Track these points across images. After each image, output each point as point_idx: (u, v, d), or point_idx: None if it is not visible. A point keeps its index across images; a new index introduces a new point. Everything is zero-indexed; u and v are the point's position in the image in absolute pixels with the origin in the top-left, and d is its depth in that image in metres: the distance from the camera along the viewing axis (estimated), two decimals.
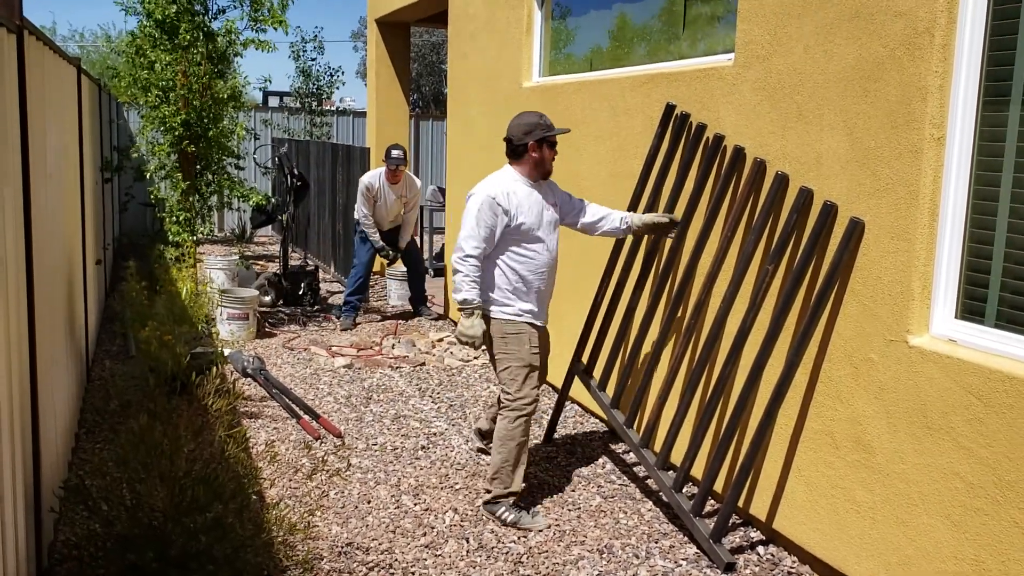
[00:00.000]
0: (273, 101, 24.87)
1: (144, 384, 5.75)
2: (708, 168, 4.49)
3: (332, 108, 17.10)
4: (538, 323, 4.48)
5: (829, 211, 3.72)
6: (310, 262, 11.74)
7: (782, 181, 4.02)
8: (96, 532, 3.47)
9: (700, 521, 4.15)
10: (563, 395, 5.50)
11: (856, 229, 3.60)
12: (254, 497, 4.25)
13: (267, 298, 9.19)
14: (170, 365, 5.78)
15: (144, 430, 3.65)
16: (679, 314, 4.71)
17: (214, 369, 5.87)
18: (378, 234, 8.51)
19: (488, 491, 4.47)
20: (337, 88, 16.42)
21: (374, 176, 8.49)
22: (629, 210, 5.04)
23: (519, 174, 4.45)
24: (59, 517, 3.90)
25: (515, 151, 4.44)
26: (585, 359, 5.34)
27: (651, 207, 4.88)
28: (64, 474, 4.34)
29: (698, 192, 4.56)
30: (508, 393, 4.41)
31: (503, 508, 4.39)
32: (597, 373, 5.31)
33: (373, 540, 4.17)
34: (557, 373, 5.75)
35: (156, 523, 3.36)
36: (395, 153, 8.28)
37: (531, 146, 4.39)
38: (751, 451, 3.95)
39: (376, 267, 11.22)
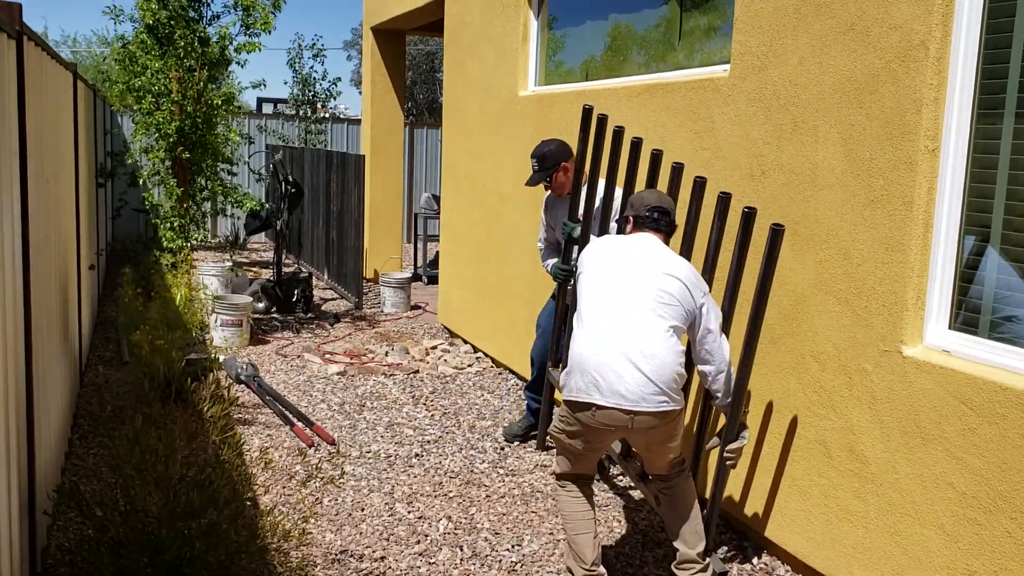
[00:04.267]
0: (267, 108, 24.86)
1: (139, 389, 5.74)
2: (632, 173, 4.46)
3: (327, 115, 17.08)
4: None
5: (748, 217, 3.71)
6: (303, 269, 11.73)
7: (701, 186, 4.04)
8: (90, 537, 3.46)
9: None
10: (549, 400, 5.46)
11: (777, 236, 3.59)
12: (248, 503, 4.24)
13: (260, 305, 9.18)
14: (163, 371, 5.78)
15: (139, 435, 3.65)
16: None
17: (209, 375, 5.86)
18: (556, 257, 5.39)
19: (698, 559, 3.73)
20: (335, 97, 16.42)
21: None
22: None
23: None
24: (52, 522, 3.89)
25: (672, 226, 3.85)
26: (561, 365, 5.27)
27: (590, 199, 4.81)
28: (57, 478, 4.33)
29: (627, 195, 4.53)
30: (677, 457, 3.79)
31: (708, 559, 3.82)
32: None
33: (367, 548, 4.17)
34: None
35: (150, 528, 3.35)
36: (532, 161, 5.25)
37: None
38: (719, 478, 3.97)
39: (369, 274, 11.23)
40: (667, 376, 3.45)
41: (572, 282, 4.96)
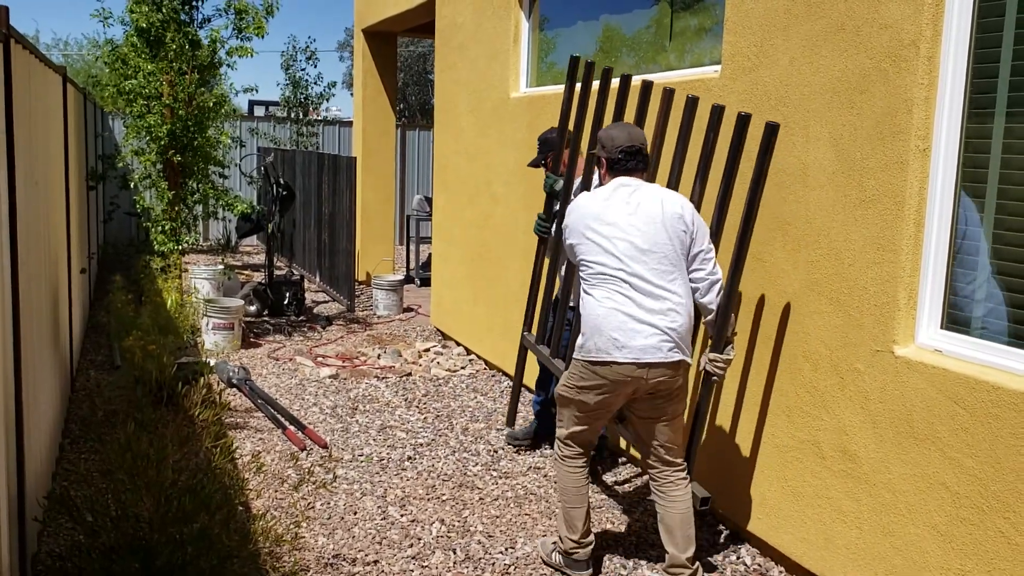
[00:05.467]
0: (259, 110, 24.81)
1: (130, 394, 5.72)
2: (621, 108, 4.50)
3: (319, 118, 17.05)
4: None
5: (745, 121, 3.77)
6: (295, 272, 11.70)
7: (693, 104, 4.11)
8: (81, 543, 3.44)
9: None
10: (520, 371, 5.47)
11: (772, 134, 3.65)
12: (240, 508, 4.22)
13: (252, 308, 9.15)
14: (155, 375, 5.75)
15: (130, 440, 3.63)
16: None
17: (201, 380, 5.84)
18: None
19: (687, 564, 3.81)
20: (328, 99, 16.40)
21: None
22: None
23: None
24: (43, 528, 3.86)
25: (647, 160, 3.92)
26: (534, 329, 5.27)
27: (573, 155, 4.86)
28: (48, 484, 4.31)
29: None
30: (678, 443, 3.90)
31: (697, 564, 3.90)
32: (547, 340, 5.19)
33: (359, 551, 4.15)
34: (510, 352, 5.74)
35: (142, 533, 3.33)
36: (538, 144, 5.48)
37: None
38: (704, 393, 4.00)
39: (361, 276, 11.21)
40: (679, 328, 3.65)
41: (551, 238, 4.94)
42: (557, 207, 4.93)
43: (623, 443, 5.35)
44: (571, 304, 4.68)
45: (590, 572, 3.98)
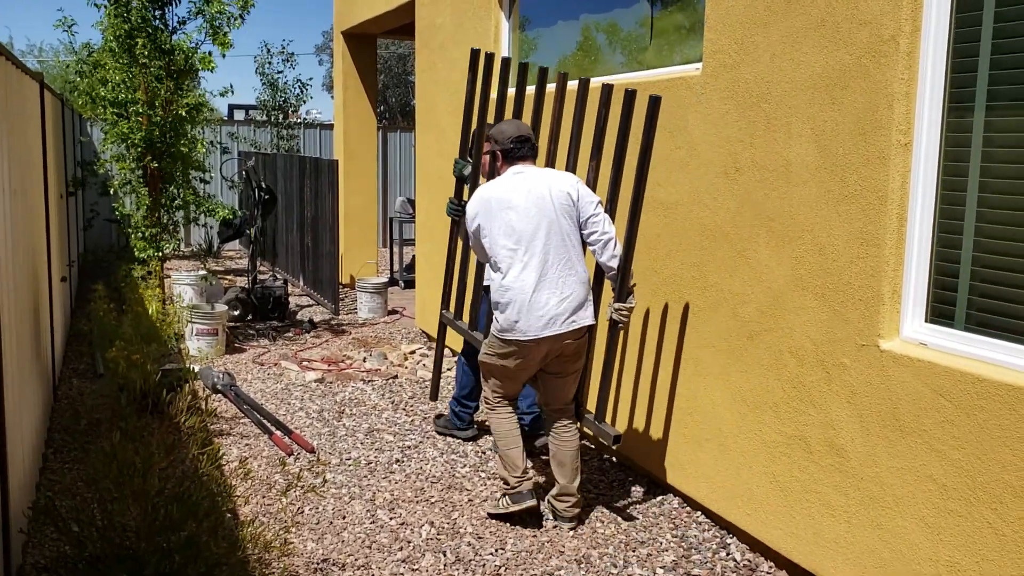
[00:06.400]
0: (239, 114, 24.71)
1: (114, 402, 5.67)
2: (521, 95, 4.85)
3: (299, 121, 16.98)
4: None
5: (632, 96, 4.08)
6: (279, 276, 11.66)
7: (585, 85, 4.45)
8: (67, 554, 3.41)
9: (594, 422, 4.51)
10: (440, 347, 5.75)
11: (656, 104, 4.07)
12: (228, 515, 4.20)
13: (236, 313, 9.11)
14: (139, 383, 5.71)
15: (116, 448, 3.60)
16: None
17: (186, 386, 5.80)
18: None
19: (575, 493, 4.45)
20: (305, 101, 16.31)
21: None
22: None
23: None
24: (28, 539, 3.82)
25: (535, 148, 4.45)
26: (452, 306, 5.60)
27: (478, 142, 5.14)
28: (32, 495, 4.27)
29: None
30: (572, 396, 4.50)
31: (580, 495, 4.53)
32: (463, 314, 5.54)
33: (349, 556, 4.14)
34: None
35: (129, 543, 3.31)
36: None
37: None
38: (611, 341, 4.36)
39: (345, 279, 11.18)
40: (581, 298, 4.21)
41: (465, 223, 5.14)
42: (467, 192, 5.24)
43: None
44: (485, 283, 4.97)
45: (535, 501, 4.38)
